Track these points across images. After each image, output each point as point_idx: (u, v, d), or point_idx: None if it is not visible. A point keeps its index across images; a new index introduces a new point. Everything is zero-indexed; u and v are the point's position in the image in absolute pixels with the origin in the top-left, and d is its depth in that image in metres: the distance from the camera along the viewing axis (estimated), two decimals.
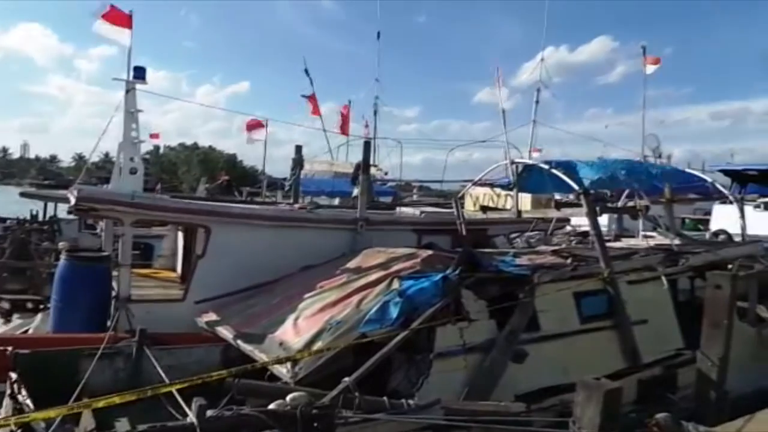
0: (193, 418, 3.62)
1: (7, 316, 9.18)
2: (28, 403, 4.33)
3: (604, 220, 10.26)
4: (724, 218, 12.77)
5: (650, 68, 22.58)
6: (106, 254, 7.72)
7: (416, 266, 6.02)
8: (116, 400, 3.41)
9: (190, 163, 78.16)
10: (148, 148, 48.70)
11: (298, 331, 5.50)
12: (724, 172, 17.57)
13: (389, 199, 18.46)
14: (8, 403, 4.47)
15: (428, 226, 9.03)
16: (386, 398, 4.42)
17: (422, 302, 5.23)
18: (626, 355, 6.30)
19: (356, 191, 11.13)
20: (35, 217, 17.71)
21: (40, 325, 7.91)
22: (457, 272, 5.47)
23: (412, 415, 4.33)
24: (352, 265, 6.82)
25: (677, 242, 8.23)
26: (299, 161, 12.35)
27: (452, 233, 8.60)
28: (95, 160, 37.76)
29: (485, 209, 11.53)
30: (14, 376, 4.69)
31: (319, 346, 5.04)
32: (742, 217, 9.69)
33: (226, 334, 6.05)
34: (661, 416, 4.27)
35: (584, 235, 10.12)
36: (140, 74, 7.45)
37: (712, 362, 5.91)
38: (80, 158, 78.32)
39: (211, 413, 3.67)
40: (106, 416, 4.17)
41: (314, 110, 19.84)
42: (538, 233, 10.15)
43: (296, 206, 9.67)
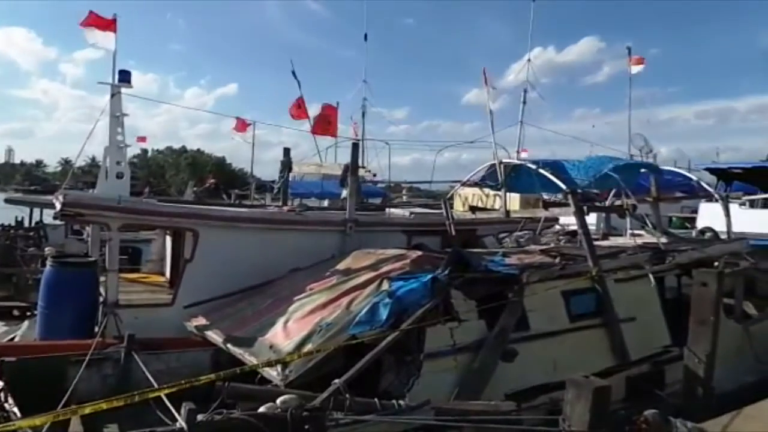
0: (182, 422, 3.60)
1: None
2: (15, 411, 4.29)
3: (592, 218, 10.34)
4: (710, 216, 12.91)
5: (635, 68, 22.75)
6: (92, 259, 7.65)
7: (405, 267, 6.04)
8: (103, 405, 3.39)
9: (178, 166, 77.74)
10: (135, 151, 48.45)
11: (288, 333, 5.49)
12: (710, 170, 17.81)
13: (379, 200, 18.46)
14: None
15: (418, 226, 9.06)
16: (377, 399, 4.44)
17: (412, 303, 5.25)
18: (615, 352, 6.36)
19: (345, 193, 11.11)
20: (21, 222, 17.52)
21: (26, 332, 7.83)
22: (446, 273, 5.49)
23: (403, 415, 4.34)
24: (341, 266, 6.82)
25: (664, 240, 8.30)
26: (288, 164, 12.32)
27: (442, 234, 8.63)
28: (81, 164, 37.61)
29: (474, 209, 11.56)
30: (0, 384, 4.64)
31: (309, 348, 5.04)
32: (727, 215, 9.80)
33: (215, 338, 6.02)
34: (649, 413, 4.32)
35: (573, 234, 10.18)
36: (125, 78, 7.38)
37: (699, 359, 5.98)
38: (66, 163, 77.54)
39: (201, 417, 3.65)
40: (95, 423, 4.15)
41: (300, 114, 19.78)
42: (527, 233, 10.19)
43: (285, 208, 9.64)
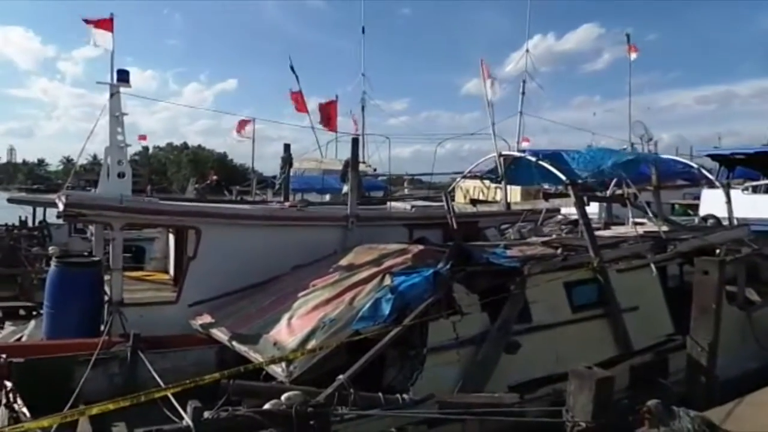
0: (188, 420, 3.64)
1: None
2: (24, 411, 4.33)
3: (594, 208, 10.33)
4: (713, 203, 12.88)
5: (634, 55, 22.69)
6: (97, 259, 7.69)
7: (408, 262, 6.05)
8: (110, 406, 3.43)
9: (179, 163, 77.82)
10: (137, 149, 48.48)
11: (292, 330, 5.52)
12: (711, 156, 17.75)
13: (380, 193, 18.48)
14: (4, 412, 4.46)
15: (419, 220, 9.05)
16: (381, 394, 4.47)
17: (414, 298, 5.26)
18: (618, 342, 6.37)
19: (346, 188, 11.13)
20: (24, 222, 17.57)
21: (33, 331, 7.87)
22: (448, 266, 5.50)
23: (407, 409, 4.38)
24: (343, 262, 6.84)
25: (665, 229, 8.30)
26: (288, 159, 12.36)
27: (443, 227, 8.63)
28: (83, 162, 37.50)
29: (475, 202, 11.58)
30: (9, 384, 4.68)
31: (313, 344, 5.06)
32: (728, 201, 9.79)
33: (220, 335, 6.06)
34: (652, 403, 4.33)
35: (575, 223, 10.18)
36: (124, 77, 7.39)
37: (701, 347, 5.99)
38: (68, 161, 77.76)
39: (206, 415, 3.69)
40: (103, 422, 4.20)
41: (300, 107, 19.83)
42: (529, 224, 10.20)
43: (287, 204, 9.65)
